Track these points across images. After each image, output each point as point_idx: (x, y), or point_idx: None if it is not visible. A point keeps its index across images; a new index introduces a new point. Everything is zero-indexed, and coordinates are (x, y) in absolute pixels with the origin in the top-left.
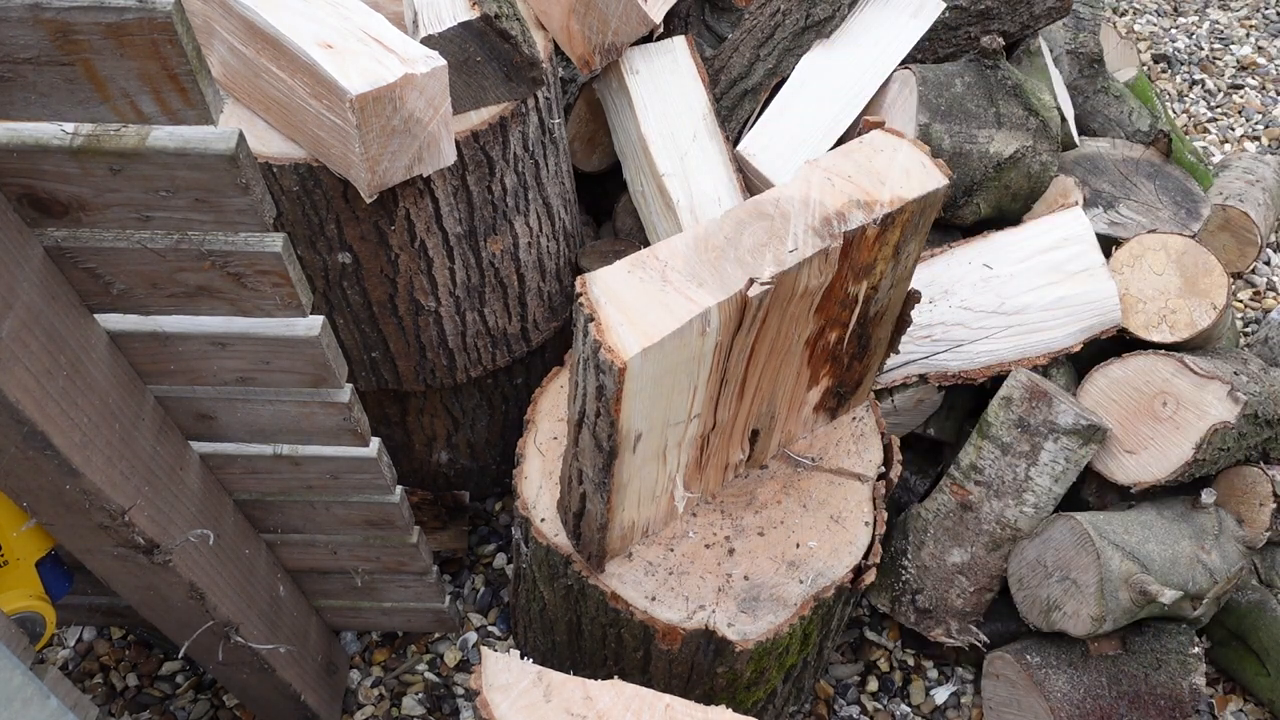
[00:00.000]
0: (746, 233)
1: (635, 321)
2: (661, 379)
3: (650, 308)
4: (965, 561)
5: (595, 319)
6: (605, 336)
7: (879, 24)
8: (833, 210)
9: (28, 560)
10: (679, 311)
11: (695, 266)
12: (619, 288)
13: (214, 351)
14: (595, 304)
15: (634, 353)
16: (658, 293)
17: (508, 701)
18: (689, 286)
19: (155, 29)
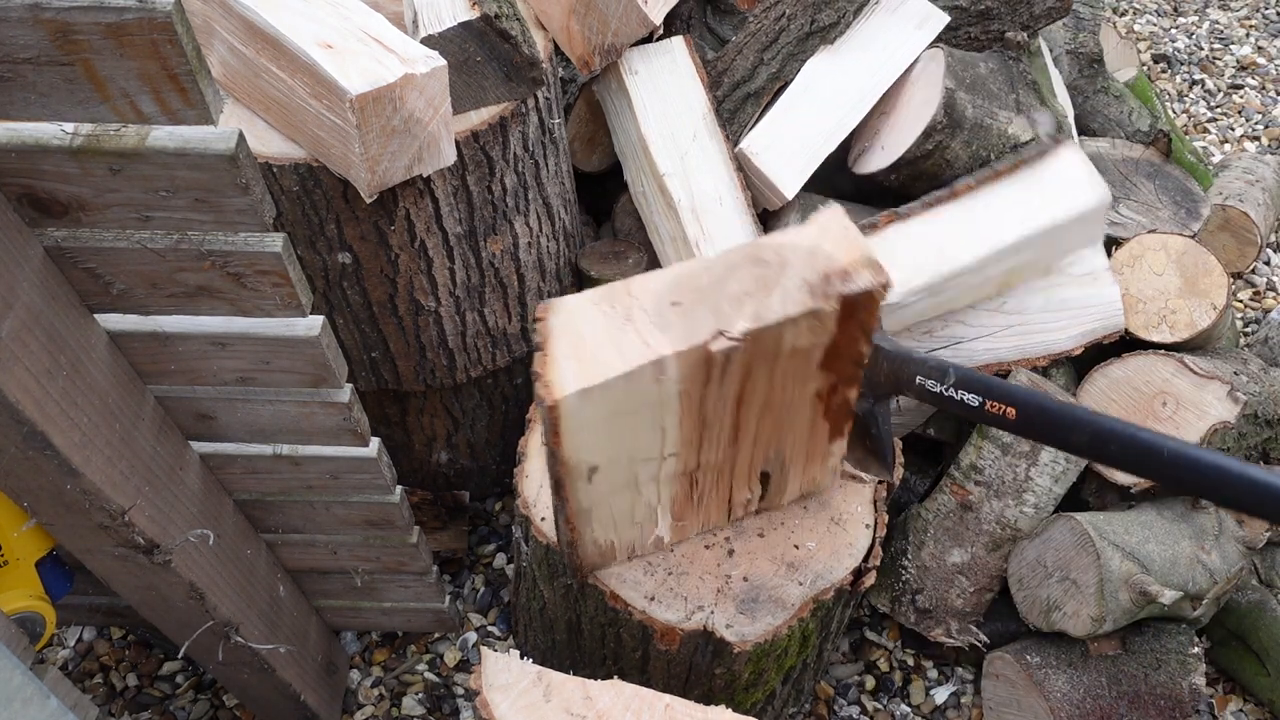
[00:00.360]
0: (735, 277)
1: (582, 359)
2: (615, 418)
3: (603, 347)
4: (965, 562)
5: (544, 350)
6: (545, 370)
7: (884, 32)
8: (839, 267)
9: (28, 560)
10: (630, 356)
11: (665, 309)
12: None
13: (214, 351)
14: (549, 334)
15: (568, 392)
16: (616, 331)
17: (508, 701)
18: (650, 330)
19: (155, 29)
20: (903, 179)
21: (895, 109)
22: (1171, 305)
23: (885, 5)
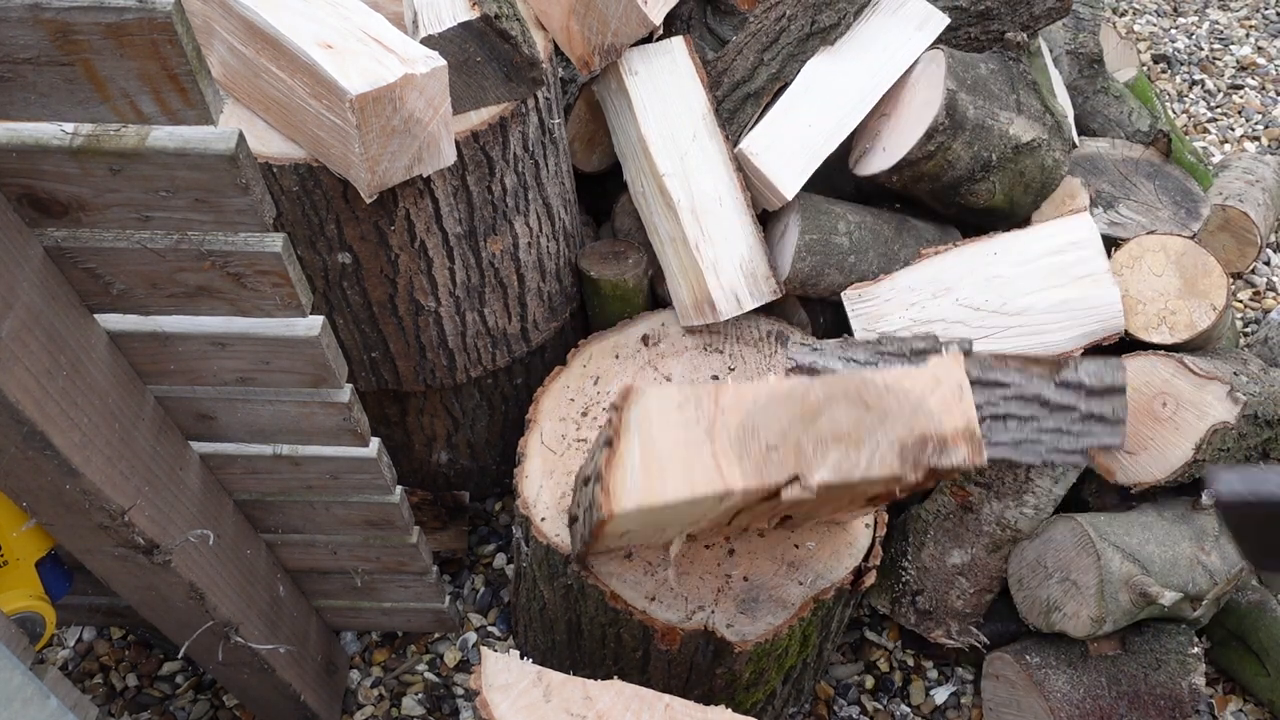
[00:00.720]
0: (831, 414)
1: (650, 470)
2: (660, 515)
3: (673, 460)
4: (965, 562)
5: (613, 445)
6: (610, 475)
7: (885, 34)
8: (940, 433)
9: (28, 560)
10: (698, 482)
11: (749, 434)
12: (657, 421)
13: (214, 351)
14: (623, 429)
15: (627, 508)
16: (693, 445)
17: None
18: (727, 456)
19: (155, 29)
20: (904, 180)
21: (896, 110)
22: (1171, 306)
23: (886, 6)
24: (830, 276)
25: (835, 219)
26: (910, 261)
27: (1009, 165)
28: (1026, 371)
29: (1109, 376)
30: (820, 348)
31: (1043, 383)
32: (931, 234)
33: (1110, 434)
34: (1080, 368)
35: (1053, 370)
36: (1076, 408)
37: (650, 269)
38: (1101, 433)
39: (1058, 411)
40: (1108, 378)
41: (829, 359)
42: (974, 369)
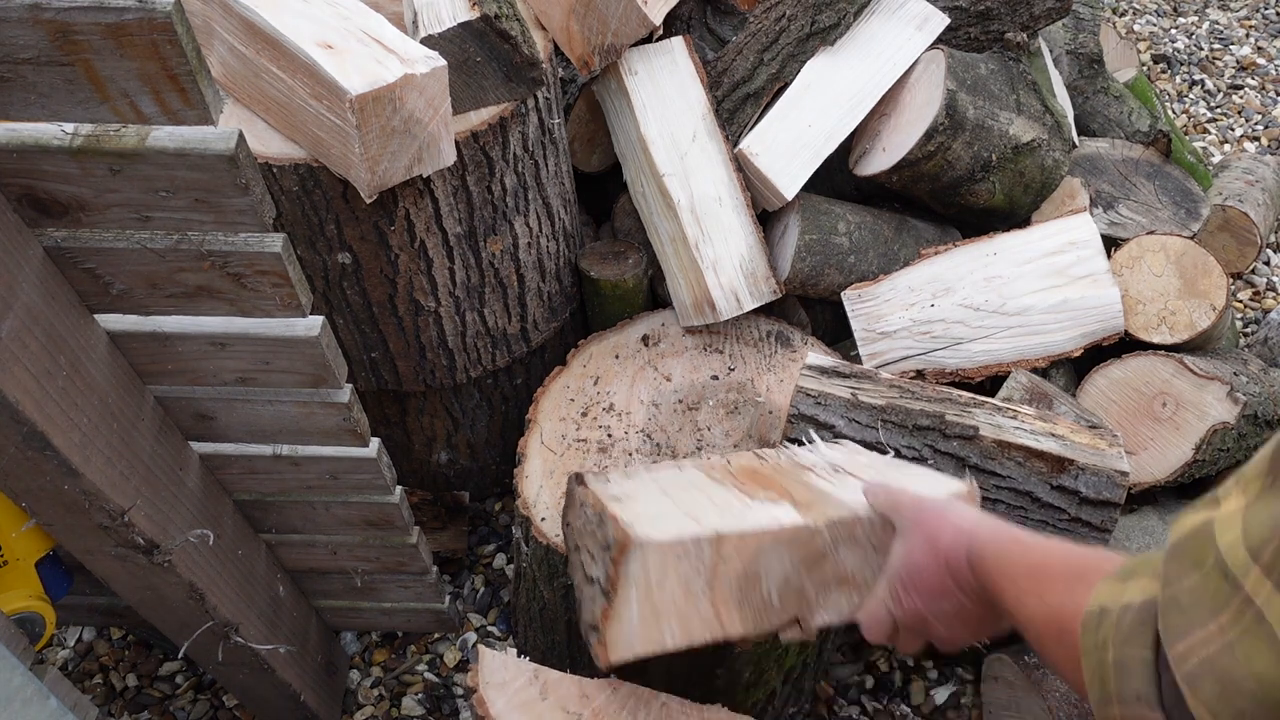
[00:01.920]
0: (834, 558)
1: (647, 623)
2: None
3: (672, 615)
4: None
5: (610, 599)
6: (607, 628)
7: (884, 34)
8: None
9: (28, 560)
10: (696, 632)
11: (750, 584)
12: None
13: (214, 352)
14: (621, 583)
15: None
16: (692, 599)
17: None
18: (728, 604)
19: (155, 29)
20: (904, 180)
21: (896, 110)
22: (1171, 306)
23: (886, 6)
24: (830, 276)
25: (835, 219)
26: (910, 261)
27: (1009, 165)
28: (1027, 466)
29: (1107, 491)
30: (825, 402)
31: (1039, 481)
32: (931, 234)
33: (1094, 539)
34: (1080, 477)
35: (1053, 471)
36: (1066, 511)
37: (650, 269)
38: (1085, 534)
39: (1046, 508)
40: (1105, 492)
41: (832, 415)
42: (973, 455)
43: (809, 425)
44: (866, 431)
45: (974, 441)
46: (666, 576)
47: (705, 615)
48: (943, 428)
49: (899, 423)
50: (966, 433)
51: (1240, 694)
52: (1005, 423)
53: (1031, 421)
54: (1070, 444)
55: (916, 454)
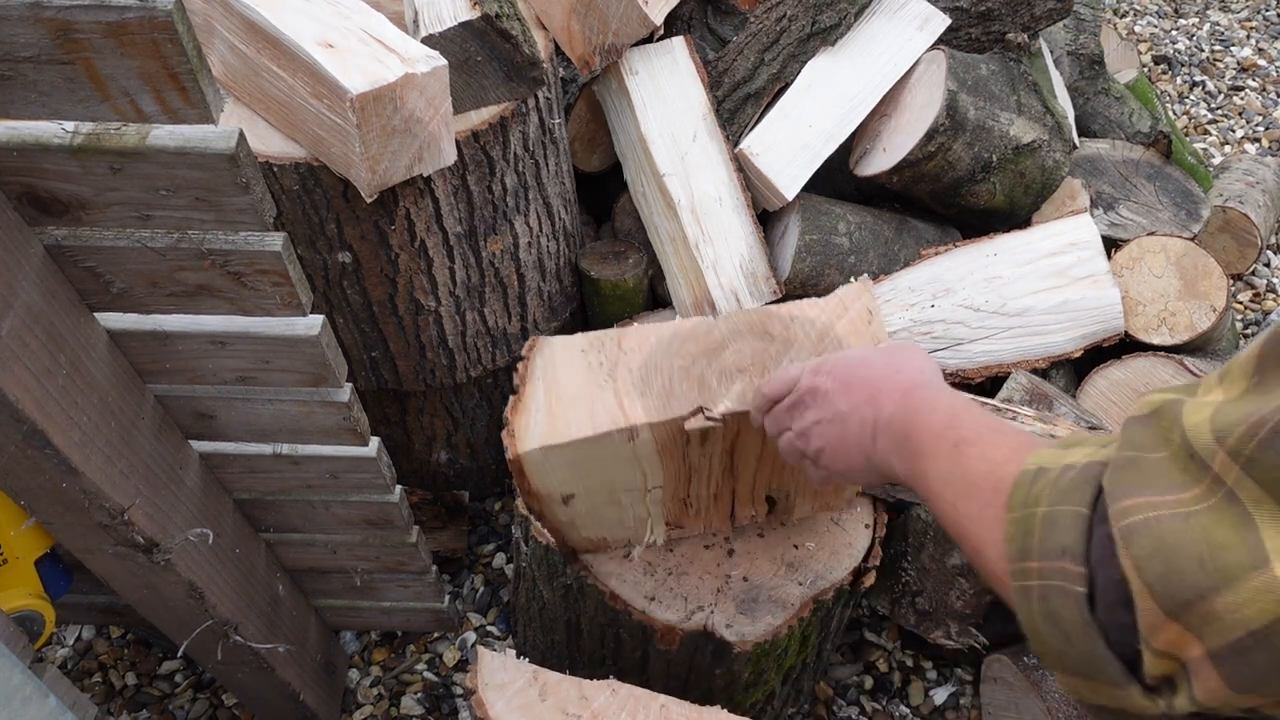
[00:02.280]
0: (735, 347)
1: (554, 412)
2: (584, 463)
3: (577, 403)
4: (965, 563)
5: (519, 392)
6: (515, 417)
7: (885, 34)
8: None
9: (27, 559)
10: (600, 421)
11: (651, 372)
12: (562, 366)
13: (214, 350)
14: (527, 376)
15: (532, 447)
16: (595, 389)
17: (503, 700)
18: (629, 394)
19: (156, 28)
20: (904, 181)
21: (897, 111)
22: (1171, 307)
23: (887, 7)
24: (830, 277)
25: (835, 219)
26: (910, 262)
27: (1009, 166)
28: None
29: None
30: None
31: None
32: (932, 234)
33: None
34: None
35: None
36: None
37: (650, 269)
38: None
39: None
40: None
41: None
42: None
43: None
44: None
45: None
46: (572, 368)
47: (608, 403)
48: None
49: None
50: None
51: (1178, 555)
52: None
53: (1031, 423)
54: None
55: None
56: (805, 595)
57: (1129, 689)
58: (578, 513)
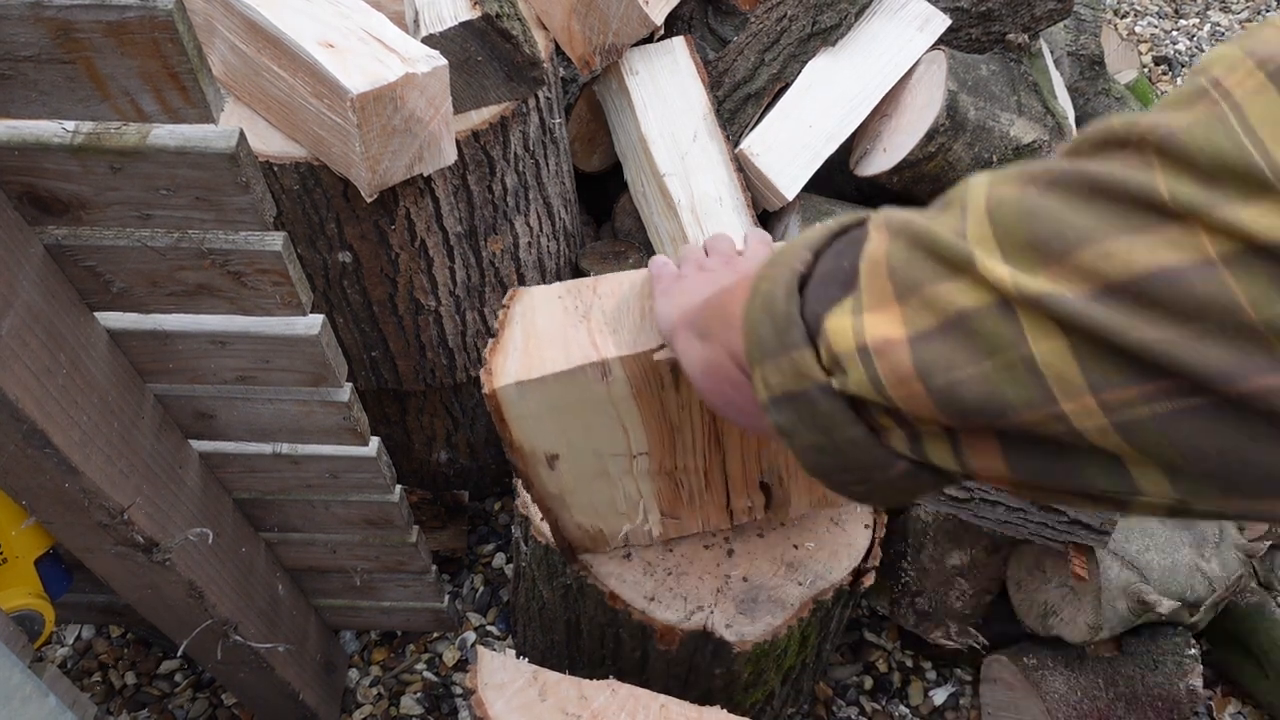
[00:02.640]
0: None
1: (530, 351)
2: (565, 411)
3: (551, 342)
4: (965, 564)
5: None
6: (493, 356)
7: (886, 34)
8: None
9: (27, 558)
10: (574, 355)
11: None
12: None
13: (214, 350)
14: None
15: (506, 383)
16: (569, 328)
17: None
18: (602, 331)
19: (156, 28)
20: (905, 181)
21: (897, 111)
22: None
23: (887, 7)
24: None
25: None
26: None
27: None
28: None
29: None
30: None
31: None
32: None
33: (1094, 540)
34: None
35: None
36: (1065, 513)
37: None
38: (1085, 536)
39: (1045, 510)
40: None
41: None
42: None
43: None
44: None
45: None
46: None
47: (581, 341)
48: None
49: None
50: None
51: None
52: None
53: None
54: None
55: None
56: (805, 595)
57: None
58: (565, 482)
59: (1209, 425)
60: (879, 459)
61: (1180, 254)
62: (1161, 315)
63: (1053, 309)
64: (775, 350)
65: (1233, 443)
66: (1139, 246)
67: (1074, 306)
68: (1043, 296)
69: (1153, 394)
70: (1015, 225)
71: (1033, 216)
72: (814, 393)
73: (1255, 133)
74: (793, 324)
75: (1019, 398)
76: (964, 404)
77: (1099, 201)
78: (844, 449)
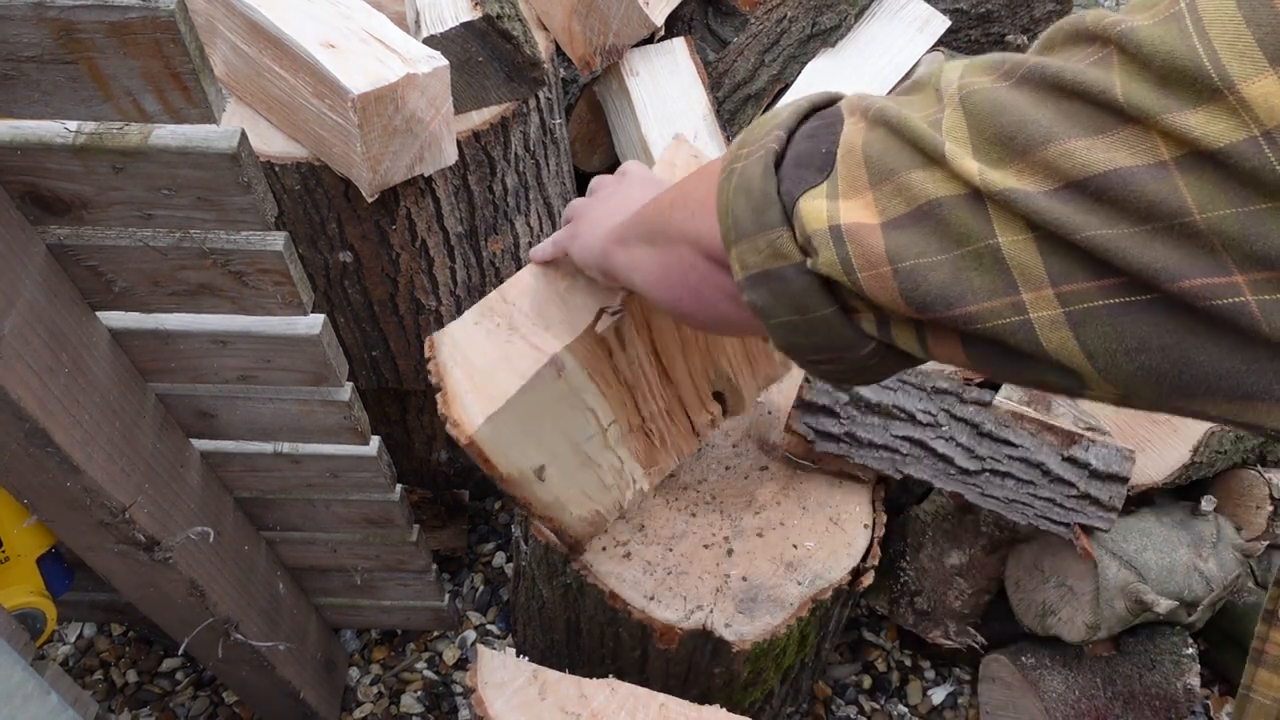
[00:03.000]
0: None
1: (480, 386)
2: (536, 422)
3: (496, 366)
4: (964, 563)
5: (441, 388)
6: (450, 409)
7: (885, 36)
8: None
9: (29, 557)
10: (523, 366)
11: (543, 304)
12: (466, 345)
13: (215, 349)
14: (443, 369)
15: (479, 424)
16: (504, 345)
17: (503, 699)
18: (535, 332)
19: (159, 28)
20: None
21: None
22: None
23: (887, 8)
24: None
25: None
26: None
27: None
28: (1039, 437)
29: (1116, 465)
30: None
31: (1050, 452)
32: None
33: (1101, 518)
34: (1091, 449)
35: (1064, 443)
36: (1075, 485)
37: None
38: (1093, 514)
39: (1056, 483)
40: (1115, 465)
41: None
42: (988, 423)
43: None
44: (884, 393)
45: (990, 408)
46: (476, 344)
47: (523, 351)
48: (960, 391)
49: (918, 384)
50: (983, 398)
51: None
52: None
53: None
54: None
55: (932, 418)
56: (804, 595)
57: (781, 230)
58: (557, 486)
59: (1155, 321)
60: (849, 338)
61: (1134, 156)
62: (1116, 214)
63: (1018, 205)
64: (752, 230)
65: (1175, 339)
66: (1097, 147)
67: (1037, 203)
68: (1008, 192)
69: (1106, 289)
70: (985, 118)
71: (1002, 110)
72: (790, 272)
73: (1207, 36)
74: (770, 203)
75: (982, 286)
76: (928, 292)
77: (1063, 100)
78: (817, 327)
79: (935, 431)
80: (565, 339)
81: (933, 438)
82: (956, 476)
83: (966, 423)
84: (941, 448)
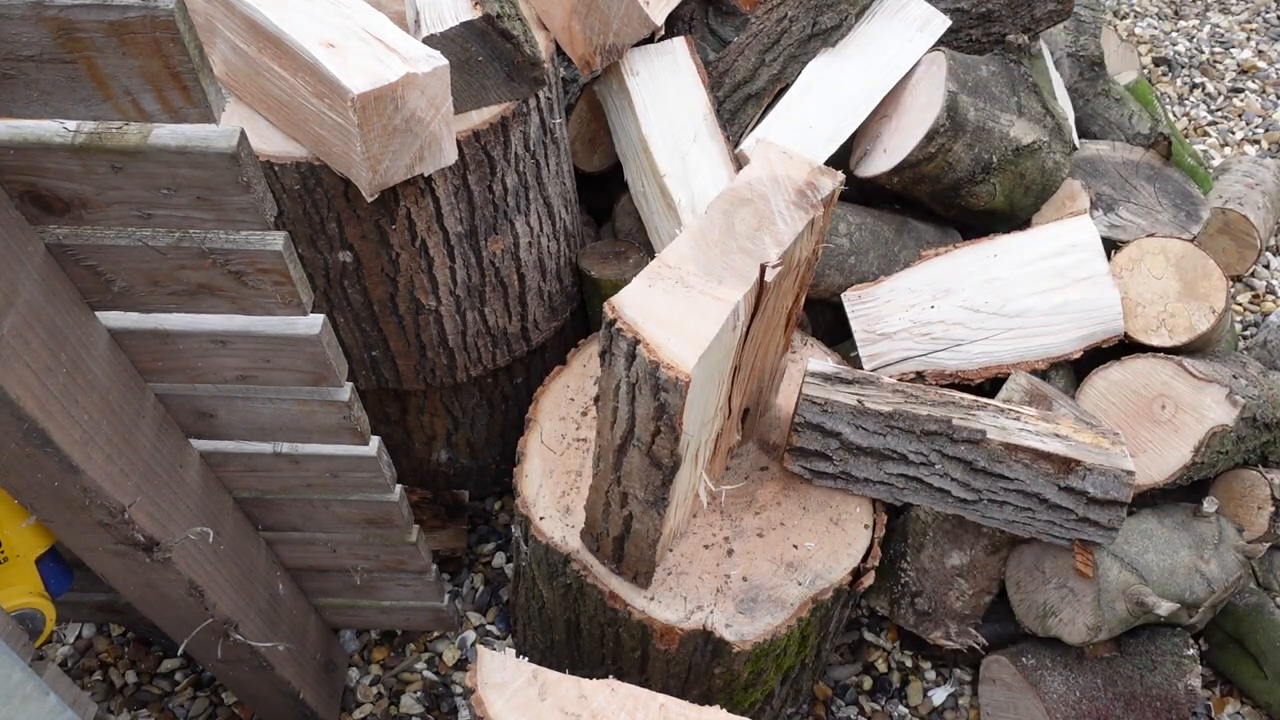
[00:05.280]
0: (737, 220)
1: (679, 333)
2: (706, 383)
3: (687, 316)
4: (964, 564)
5: (642, 340)
6: (660, 355)
7: (886, 35)
8: (802, 181)
9: (28, 557)
10: (714, 313)
11: (708, 265)
12: (650, 304)
13: (214, 349)
14: (636, 326)
15: (693, 363)
16: (686, 299)
17: (502, 700)
18: (711, 285)
19: (158, 27)
20: (905, 182)
21: (897, 112)
22: (1171, 309)
23: (888, 8)
24: (830, 277)
25: (836, 220)
26: (910, 263)
27: (1009, 167)
28: (1034, 468)
29: (1114, 490)
30: (832, 410)
31: (1047, 483)
32: (932, 235)
33: (1101, 537)
34: (1088, 477)
35: (1060, 472)
36: (1074, 511)
37: None
38: (1092, 534)
39: (1054, 509)
40: (1112, 491)
41: (839, 423)
42: (981, 460)
43: (816, 433)
44: (874, 438)
45: (981, 445)
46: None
47: (706, 303)
48: (950, 432)
49: (906, 428)
50: (974, 436)
51: None
52: (1010, 424)
53: (1035, 422)
54: (1075, 444)
55: (924, 458)
56: (804, 595)
57: None
58: (679, 490)
59: None
60: None
61: None
62: None
63: None
64: None
65: None
66: None
67: None
68: None
69: None
70: None
71: None
72: None
73: None
74: None
75: None
76: None
77: None
78: None
79: (929, 470)
80: (742, 289)
81: (927, 474)
82: (955, 504)
83: (959, 460)
84: (937, 483)
